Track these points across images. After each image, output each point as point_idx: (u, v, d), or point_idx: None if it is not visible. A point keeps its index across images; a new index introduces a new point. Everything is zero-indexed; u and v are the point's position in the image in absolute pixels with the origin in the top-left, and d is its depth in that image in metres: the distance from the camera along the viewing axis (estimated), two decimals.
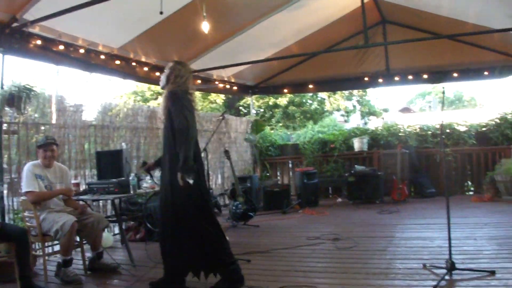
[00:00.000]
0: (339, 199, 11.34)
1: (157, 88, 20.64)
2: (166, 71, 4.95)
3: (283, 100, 21.43)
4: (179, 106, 4.61)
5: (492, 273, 4.56)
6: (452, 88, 47.12)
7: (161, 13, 5.81)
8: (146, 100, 22.23)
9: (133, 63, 8.26)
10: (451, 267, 4.60)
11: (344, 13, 9.56)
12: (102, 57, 7.55)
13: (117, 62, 7.87)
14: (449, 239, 4.77)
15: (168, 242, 4.76)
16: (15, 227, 5.37)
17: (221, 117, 7.43)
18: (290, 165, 13.30)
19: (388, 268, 5.13)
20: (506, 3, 7.48)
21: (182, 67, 4.93)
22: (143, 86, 22.53)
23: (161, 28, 7.34)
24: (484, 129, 11.33)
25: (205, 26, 6.86)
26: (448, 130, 11.40)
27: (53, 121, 7.10)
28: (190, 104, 4.79)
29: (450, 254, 4.70)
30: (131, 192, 6.28)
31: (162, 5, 5.76)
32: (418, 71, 11.36)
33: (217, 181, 11.58)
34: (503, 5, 7.71)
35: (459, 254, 5.27)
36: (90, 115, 7.90)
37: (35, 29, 6.25)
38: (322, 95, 22.86)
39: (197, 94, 20.08)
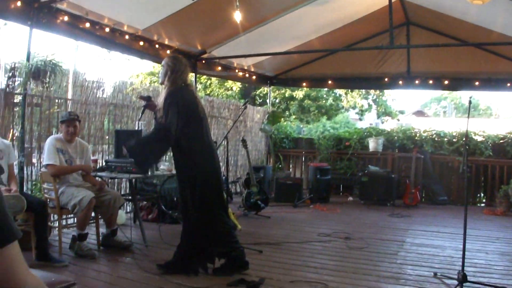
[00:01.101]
0: (350, 198, 11.33)
1: None
2: (162, 67, 5.06)
3: (299, 93, 21.38)
4: (174, 110, 4.72)
5: None
6: (467, 95, 46.77)
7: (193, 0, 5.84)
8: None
9: (157, 45, 8.26)
10: (463, 279, 4.60)
11: (368, 12, 9.50)
12: (127, 37, 7.55)
13: (141, 43, 7.87)
14: (464, 250, 4.77)
15: (187, 221, 4.99)
16: (35, 198, 5.43)
17: (243, 106, 7.43)
18: (303, 159, 13.32)
19: (399, 273, 5.16)
20: None
21: (177, 62, 5.04)
22: (160, 67, 22.54)
23: (186, 13, 7.33)
24: (501, 141, 11.25)
25: (237, 16, 6.89)
26: (464, 139, 11.33)
27: (69, 97, 7.15)
28: (192, 96, 5.00)
29: (463, 265, 4.70)
30: (149, 173, 6.34)
31: None
32: (439, 76, 11.31)
33: (231, 169, 11.62)
34: None
35: (470, 266, 5.29)
36: (108, 93, 7.95)
37: (63, 5, 6.26)
38: (339, 91, 22.80)
39: (214, 80, 20.18)
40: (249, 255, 5.58)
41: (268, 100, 14.07)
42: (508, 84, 10.72)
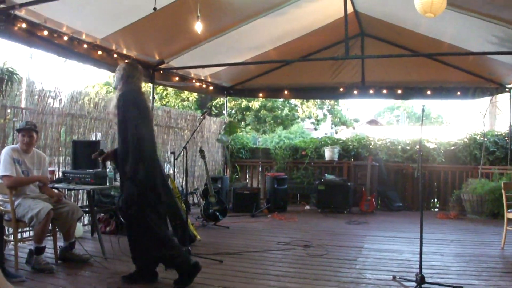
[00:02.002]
0: (308, 207, 11.44)
1: None
2: (118, 72, 5.04)
3: (255, 104, 21.49)
4: (131, 114, 4.68)
5: None
6: (420, 105, 47.72)
7: (154, 9, 5.84)
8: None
9: (115, 55, 8.19)
10: (421, 280, 4.71)
11: (324, 23, 9.68)
12: (85, 46, 7.47)
13: (99, 52, 7.80)
14: (421, 253, 4.88)
15: (129, 234, 4.98)
16: None
17: (202, 116, 7.43)
18: (260, 169, 13.37)
19: (359, 277, 5.23)
20: (483, 27, 7.70)
21: (133, 68, 5.08)
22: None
23: (146, 23, 7.30)
24: (453, 147, 11.60)
25: (198, 26, 6.91)
26: (417, 146, 11.62)
27: (22, 105, 6.97)
28: (143, 103, 4.94)
29: (420, 268, 4.82)
30: (107, 184, 6.26)
31: (155, 1, 5.82)
32: (392, 86, 11.63)
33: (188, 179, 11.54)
34: (480, 29, 7.94)
35: (427, 268, 5.40)
36: (64, 103, 7.81)
37: (21, 12, 6.13)
38: (294, 101, 23.01)
39: (170, 90, 20.09)
40: (210, 266, 5.62)
41: (224, 111, 14.11)
42: (458, 93, 11.13)
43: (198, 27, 6.94)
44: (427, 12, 5.93)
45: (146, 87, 18.79)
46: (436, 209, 11.44)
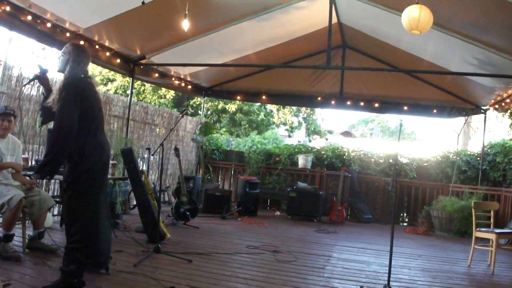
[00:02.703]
0: (278, 213, 11.46)
1: (109, 74, 20.32)
2: (64, 55, 4.61)
3: (232, 107, 21.49)
4: (67, 101, 4.28)
5: None
6: (395, 120, 48.27)
7: (143, 3, 5.81)
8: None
9: (97, 46, 8.11)
10: None
11: (308, 32, 9.74)
12: (68, 34, 7.35)
13: (81, 42, 7.70)
14: (390, 265, 4.93)
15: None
16: None
17: (180, 115, 7.40)
18: (233, 172, 13.35)
19: (327, 286, 5.24)
20: (464, 48, 7.81)
21: (80, 51, 4.65)
22: (93, 70, 22.09)
23: (130, 16, 7.25)
24: (425, 164, 11.76)
25: (186, 24, 6.89)
26: (391, 160, 11.75)
27: None
28: (90, 88, 4.55)
29: (389, 280, 4.87)
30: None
31: None
32: (370, 99, 11.74)
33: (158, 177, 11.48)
34: (460, 49, 8.06)
35: (394, 281, 5.45)
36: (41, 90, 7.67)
37: None
38: (271, 107, 23.06)
39: (148, 86, 19.95)
40: (179, 264, 5.58)
41: (201, 111, 14.06)
42: (435, 111, 11.29)
43: (185, 25, 6.92)
44: (413, 29, 6.01)
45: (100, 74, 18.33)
46: (405, 224, 11.56)
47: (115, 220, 7.83)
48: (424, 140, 41.11)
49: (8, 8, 6.13)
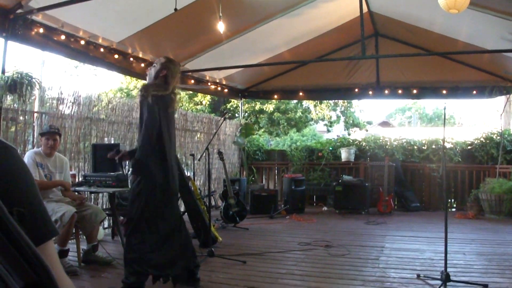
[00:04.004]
0: (325, 208, 11.45)
1: None
2: (157, 66, 4.75)
3: (269, 107, 21.52)
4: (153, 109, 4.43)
5: (485, 286, 4.69)
6: (431, 105, 47.53)
7: (175, 9, 5.90)
8: (130, 96, 22.12)
9: (131, 58, 8.28)
10: (446, 278, 4.72)
11: (338, 24, 9.70)
12: (102, 50, 7.55)
13: (116, 56, 7.88)
14: (446, 252, 4.90)
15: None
16: None
17: (222, 118, 7.49)
18: (276, 171, 13.39)
19: (383, 276, 5.24)
20: (499, 25, 7.67)
21: (174, 66, 4.80)
22: (128, 83, 22.45)
23: (161, 26, 7.40)
24: (469, 147, 11.56)
25: (221, 26, 6.98)
26: (433, 146, 11.62)
27: (35, 109, 6.99)
28: (172, 103, 4.72)
29: (445, 266, 4.83)
30: (129, 186, 6.31)
31: (176, 1, 5.89)
32: (408, 86, 11.59)
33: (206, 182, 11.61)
34: (495, 27, 7.90)
35: (450, 267, 5.37)
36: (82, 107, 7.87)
37: (38, 17, 6.23)
38: (307, 104, 23.00)
39: (183, 94, 20.14)
40: (233, 266, 5.66)
41: (239, 113, 14.15)
42: (474, 92, 11.05)
43: (221, 27, 7.01)
44: (451, 8, 5.90)
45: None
46: (454, 209, 11.40)
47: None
48: (464, 124, 40.34)
49: (41, 30, 6.31)
